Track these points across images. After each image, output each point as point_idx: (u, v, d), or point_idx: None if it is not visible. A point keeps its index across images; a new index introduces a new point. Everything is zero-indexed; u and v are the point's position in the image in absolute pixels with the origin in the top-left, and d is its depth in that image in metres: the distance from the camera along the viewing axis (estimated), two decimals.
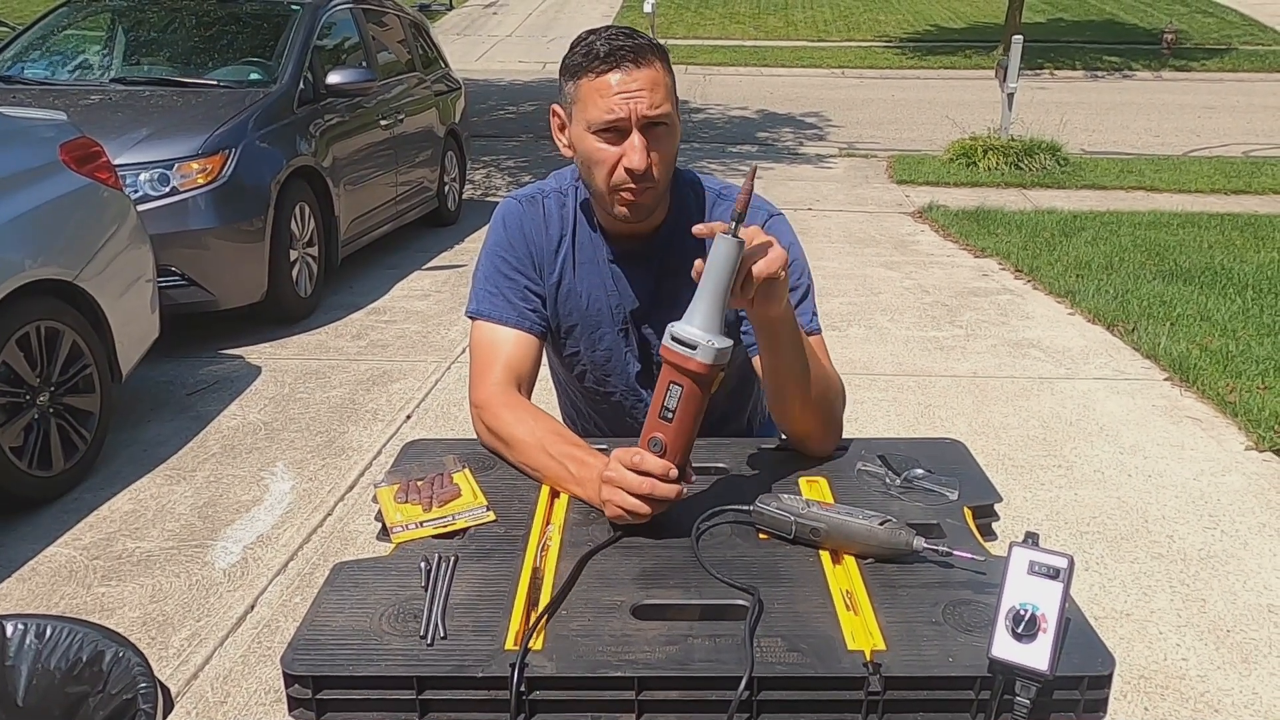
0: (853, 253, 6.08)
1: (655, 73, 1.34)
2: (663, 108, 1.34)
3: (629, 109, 1.32)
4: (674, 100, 1.38)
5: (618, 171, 1.36)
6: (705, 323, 1.11)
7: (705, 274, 1.11)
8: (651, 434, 1.15)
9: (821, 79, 15.94)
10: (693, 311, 1.12)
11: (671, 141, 1.38)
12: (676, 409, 1.13)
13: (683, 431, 1.14)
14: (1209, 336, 4.47)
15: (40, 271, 2.96)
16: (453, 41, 17.42)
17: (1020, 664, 0.92)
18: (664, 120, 1.35)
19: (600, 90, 1.33)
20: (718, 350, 1.10)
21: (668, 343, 1.13)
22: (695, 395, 1.13)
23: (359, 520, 2.94)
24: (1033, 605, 0.93)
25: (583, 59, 1.35)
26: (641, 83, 1.32)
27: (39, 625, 1.17)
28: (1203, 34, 19.68)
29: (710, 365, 1.10)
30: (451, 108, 6.82)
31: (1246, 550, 2.84)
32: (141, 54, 5.38)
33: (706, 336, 1.10)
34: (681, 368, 1.12)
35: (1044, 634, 0.91)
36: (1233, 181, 8.31)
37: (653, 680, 0.94)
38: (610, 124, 1.33)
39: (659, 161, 1.36)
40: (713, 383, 1.13)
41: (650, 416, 1.16)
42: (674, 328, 1.12)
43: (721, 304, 1.11)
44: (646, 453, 1.15)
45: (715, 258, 1.10)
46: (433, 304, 5.00)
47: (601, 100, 1.33)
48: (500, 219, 1.55)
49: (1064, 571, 0.94)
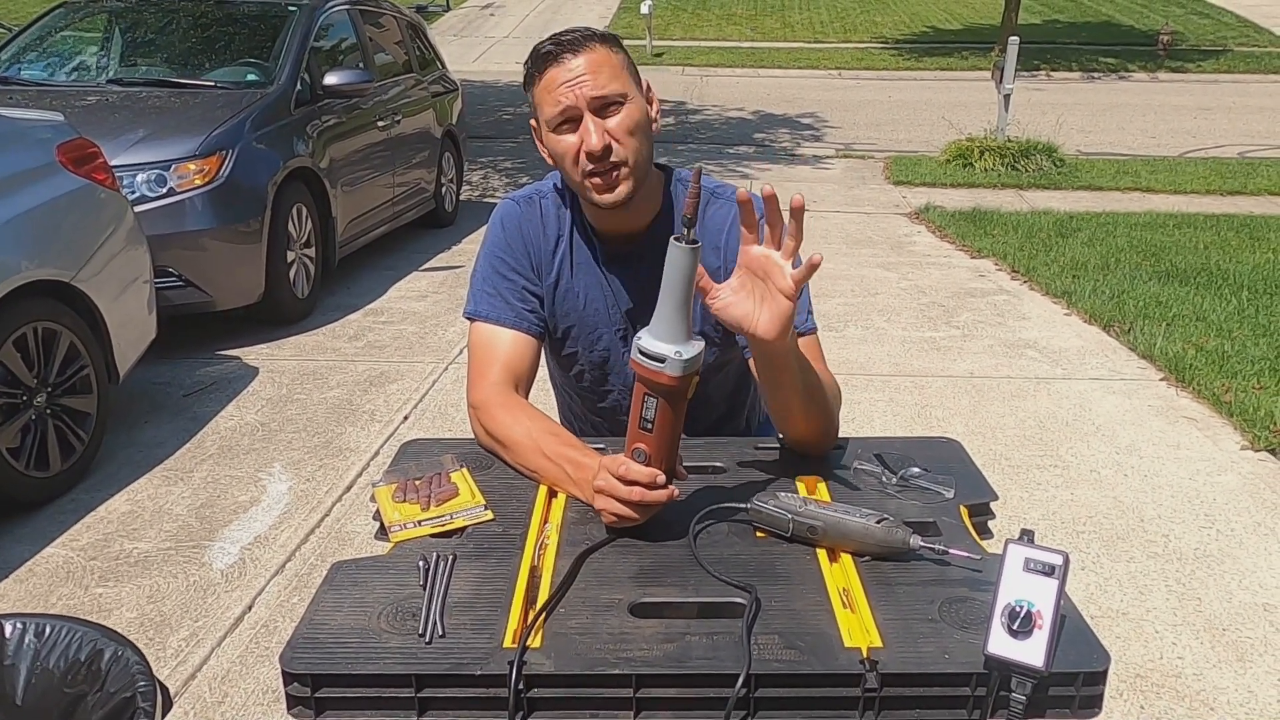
0: (849, 253, 6.09)
1: (597, 55, 1.35)
2: (610, 86, 1.35)
3: (575, 95, 1.34)
4: (629, 78, 1.38)
5: (581, 158, 1.36)
6: (670, 334, 1.10)
7: (664, 284, 1.09)
8: (634, 445, 1.15)
9: (818, 80, 15.95)
10: (656, 322, 1.11)
11: (631, 116, 1.37)
12: (655, 419, 1.13)
13: (664, 439, 1.14)
14: (1205, 337, 4.48)
15: (37, 272, 2.95)
16: (450, 43, 17.42)
17: (1016, 660, 0.92)
18: (616, 98, 1.35)
19: (548, 87, 1.36)
20: (686, 361, 1.10)
21: (636, 357, 1.12)
22: (672, 403, 1.13)
23: (357, 520, 2.94)
24: (1028, 602, 0.93)
25: (532, 65, 1.39)
26: (583, 67, 1.34)
27: (38, 624, 1.17)
28: (1198, 35, 19.71)
29: (680, 377, 1.10)
30: (449, 109, 6.82)
31: (1242, 549, 2.85)
32: (138, 55, 5.38)
33: (673, 348, 1.09)
34: (653, 381, 1.11)
35: (1039, 630, 0.92)
36: (1228, 182, 8.33)
37: (650, 678, 0.95)
38: (562, 115, 1.35)
39: (621, 136, 1.36)
40: (688, 389, 1.13)
41: (631, 427, 1.16)
42: (640, 342, 1.12)
43: (685, 312, 1.10)
44: (632, 462, 1.15)
45: (671, 267, 1.08)
46: (430, 305, 5.00)
47: (550, 95, 1.36)
48: (498, 220, 1.56)
49: (1059, 568, 0.94)
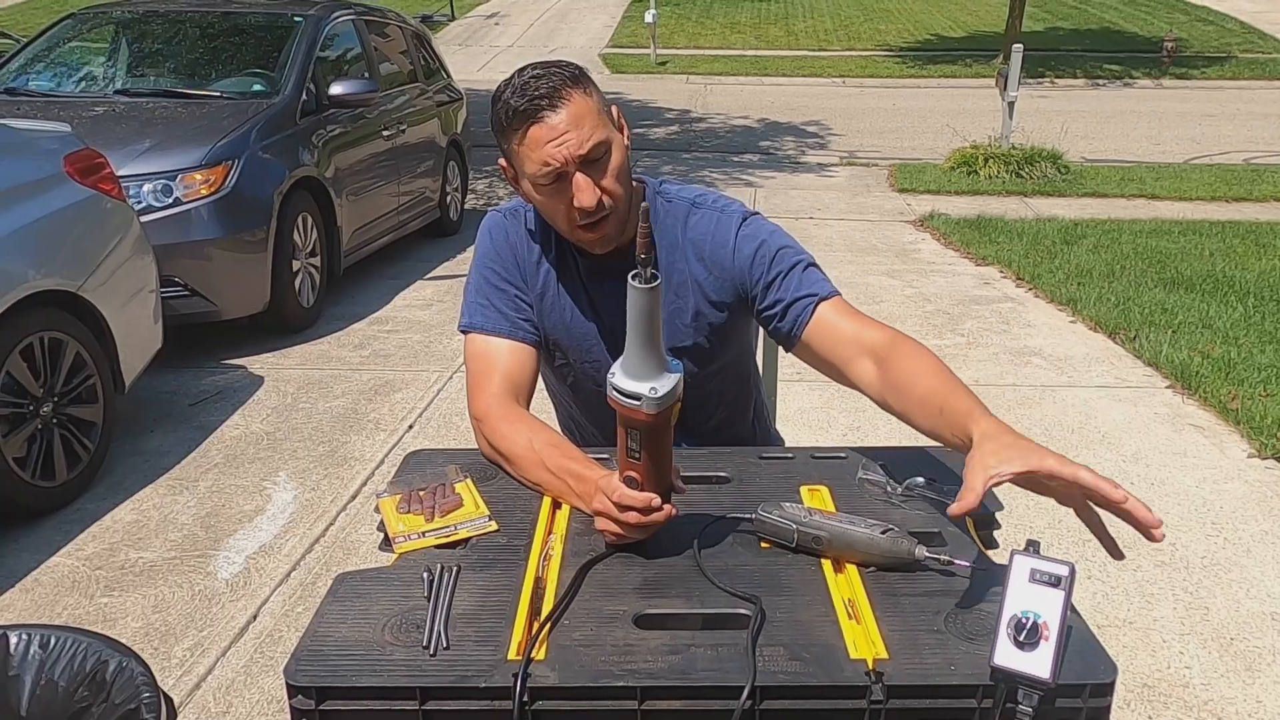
0: (854, 261, 6.09)
1: (576, 106, 1.33)
2: (594, 138, 1.34)
3: (562, 156, 1.32)
4: (606, 119, 1.38)
5: (574, 213, 1.37)
6: (642, 371, 1.10)
7: (629, 324, 1.09)
8: (625, 474, 1.15)
9: (823, 88, 15.97)
10: (627, 360, 1.11)
11: (616, 162, 1.37)
12: (640, 449, 1.13)
13: (653, 466, 1.14)
14: (1211, 344, 4.47)
15: (44, 282, 2.96)
16: (455, 52, 17.47)
17: (1022, 672, 0.91)
18: (600, 150, 1.35)
19: (531, 146, 1.34)
20: (660, 398, 1.10)
21: (611, 394, 1.12)
22: (655, 435, 1.13)
23: (361, 530, 2.94)
24: (1034, 613, 0.92)
25: (505, 120, 1.36)
26: (566, 123, 1.32)
27: (42, 635, 1.17)
28: (1202, 42, 19.71)
29: (657, 413, 1.10)
30: (453, 118, 6.84)
31: (1249, 558, 2.83)
32: (145, 66, 5.40)
33: (647, 385, 1.09)
34: (631, 419, 1.12)
35: (1046, 642, 0.91)
36: (1234, 189, 8.32)
37: (655, 690, 0.94)
38: (551, 175, 1.34)
39: (610, 186, 1.37)
40: (670, 419, 1.13)
41: (619, 456, 1.16)
42: (614, 379, 1.12)
43: (653, 348, 1.09)
44: (625, 489, 1.15)
45: (633, 308, 1.08)
46: (435, 314, 5.01)
47: (534, 155, 1.34)
48: (486, 231, 1.56)
49: (1065, 579, 0.93)
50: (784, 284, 1.46)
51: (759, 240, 1.48)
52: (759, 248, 1.48)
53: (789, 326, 1.45)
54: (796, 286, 1.45)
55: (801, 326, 1.44)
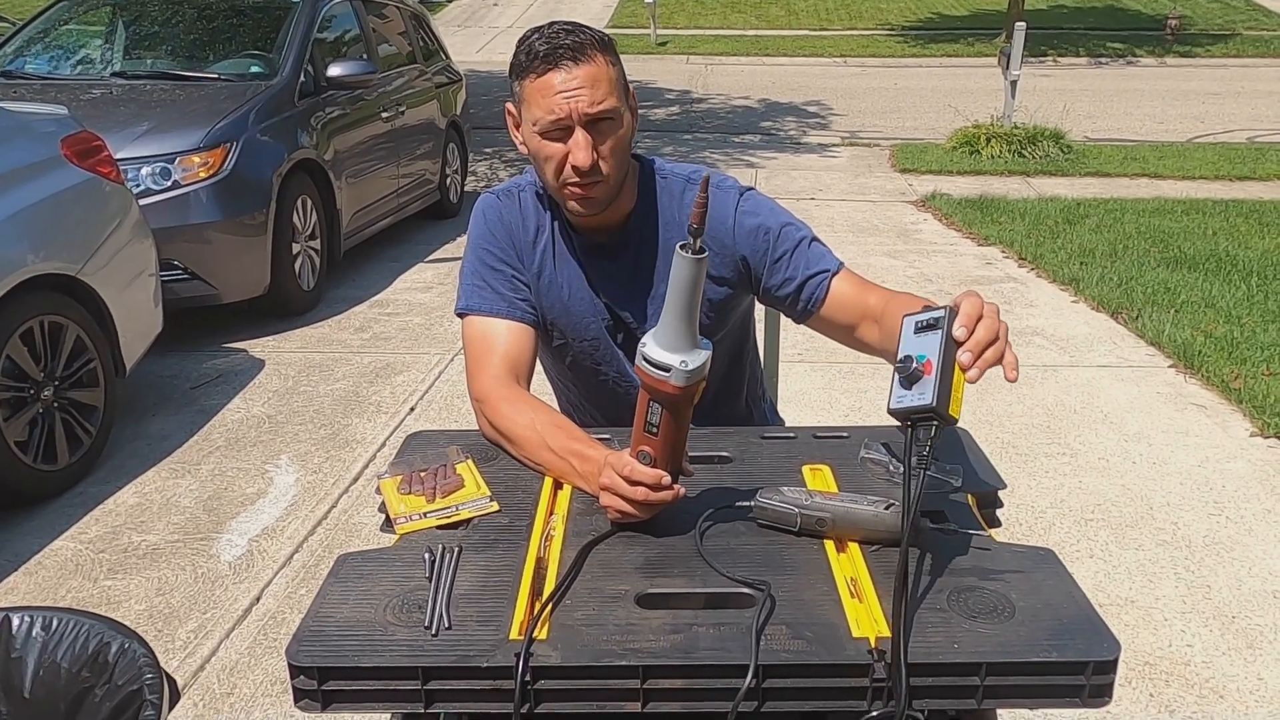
0: (856, 241, 6.07)
1: (596, 68, 1.34)
2: (605, 103, 1.34)
3: (570, 108, 1.33)
4: (621, 92, 1.38)
5: (565, 168, 1.37)
6: (676, 343, 1.09)
7: (669, 293, 1.08)
8: (639, 447, 1.15)
9: (824, 68, 15.89)
10: (661, 330, 1.09)
11: (619, 134, 1.38)
12: (660, 424, 1.13)
13: (669, 443, 1.14)
14: (1213, 323, 4.46)
15: (43, 266, 2.96)
16: (454, 33, 17.38)
17: (911, 405, 0.99)
18: (608, 115, 1.35)
19: (542, 91, 1.34)
20: (690, 371, 1.09)
21: (640, 364, 1.11)
22: (676, 410, 1.12)
23: (363, 512, 2.95)
24: (919, 355, 1.01)
25: (525, 59, 1.36)
26: (581, 80, 1.33)
27: (45, 617, 1.17)
28: (1206, 20, 19.59)
29: (685, 386, 1.10)
30: (453, 100, 6.81)
31: (1251, 536, 2.84)
32: (142, 48, 5.38)
33: (679, 358, 1.09)
34: (657, 390, 1.11)
35: (928, 376, 1.00)
36: (1237, 167, 8.28)
37: (657, 669, 0.94)
38: (553, 124, 1.34)
39: (607, 155, 1.37)
40: (694, 396, 1.12)
41: (636, 429, 1.15)
42: (645, 348, 1.11)
43: (690, 321, 1.08)
44: (637, 463, 1.14)
45: (676, 277, 1.06)
46: (435, 296, 5.00)
47: (543, 100, 1.34)
48: (480, 213, 1.56)
49: (943, 319, 1.02)
50: (792, 262, 1.48)
51: (759, 217, 1.49)
52: (760, 225, 1.48)
53: (805, 304, 1.49)
54: (806, 264, 1.47)
55: (818, 304, 1.48)
